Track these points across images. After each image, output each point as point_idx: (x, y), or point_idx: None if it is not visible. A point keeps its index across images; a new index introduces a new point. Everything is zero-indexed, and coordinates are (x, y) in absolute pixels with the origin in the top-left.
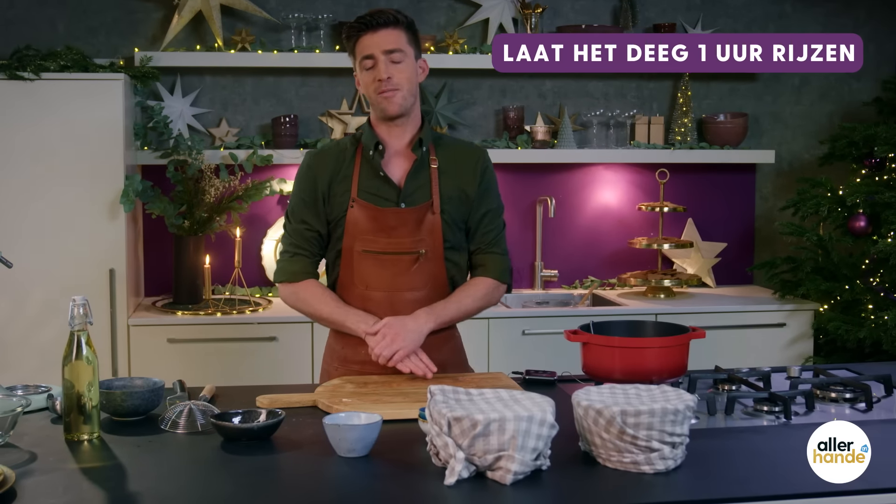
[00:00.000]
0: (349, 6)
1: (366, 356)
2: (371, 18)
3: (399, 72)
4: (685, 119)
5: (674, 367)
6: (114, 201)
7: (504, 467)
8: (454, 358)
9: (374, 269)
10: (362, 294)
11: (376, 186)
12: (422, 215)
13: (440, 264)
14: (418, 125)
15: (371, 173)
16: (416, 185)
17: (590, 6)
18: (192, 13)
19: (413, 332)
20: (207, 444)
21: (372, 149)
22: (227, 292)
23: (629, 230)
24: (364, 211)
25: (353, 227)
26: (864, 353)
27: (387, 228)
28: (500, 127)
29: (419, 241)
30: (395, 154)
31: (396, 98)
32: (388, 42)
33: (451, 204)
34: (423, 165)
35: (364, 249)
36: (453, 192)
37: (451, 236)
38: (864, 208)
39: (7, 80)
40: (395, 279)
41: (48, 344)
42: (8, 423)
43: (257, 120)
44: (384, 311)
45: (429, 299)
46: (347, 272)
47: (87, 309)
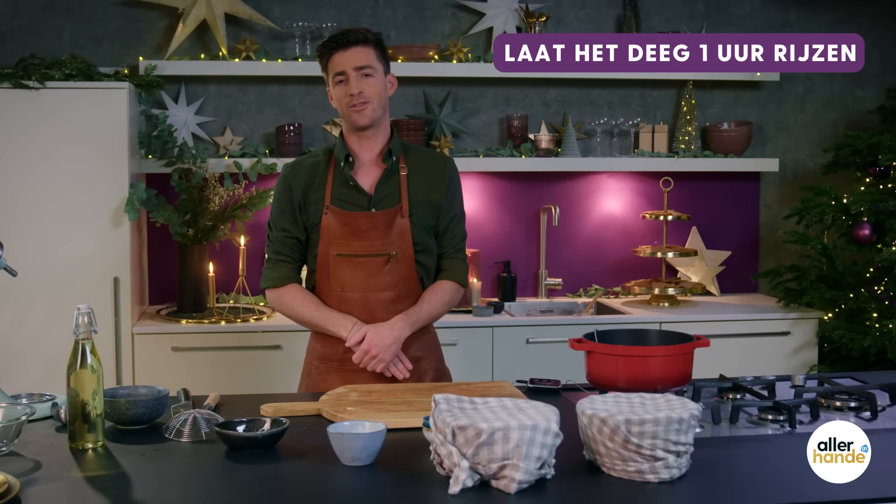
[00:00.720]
0: (353, 15)
1: (343, 354)
2: (342, 37)
3: (369, 86)
4: (689, 127)
5: (678, 375)
6: (118, 209)
7: (508, 476)
8: (431, 351)
9: (348, 272)
10: (339, 295)
11: (347, 194)
12: (391, 219)
13: (411, 266)
14: (388, 136)
15: (342, 182)
16: (386, 191)
17: (593, 15)
18: (197, 22)
19: (394, 343)
20: (212, 452)
21: (343, 160)
22: (231, 301)
23: (633, 238)
24: (337, 217)
25: (328, 232)
26: (869, 361)
27: (358, 232)
28: (504, 135)
29: (390, 243)
30: (366, 164)
31: (367, 111)
32: (359, 59)
33: (420, 208)
34: (393, 173)
35: (339, 253)
36: (421, 197)
37: (420, 239)
38: (868, 216)
39: (12, 89)
40: (369, 280)
41: (53, 352)
42: (12, 432)
43: (261, 128)
44: (359, 310)
45: (400, 299)
46: (324, 275)
47: (92, 317)
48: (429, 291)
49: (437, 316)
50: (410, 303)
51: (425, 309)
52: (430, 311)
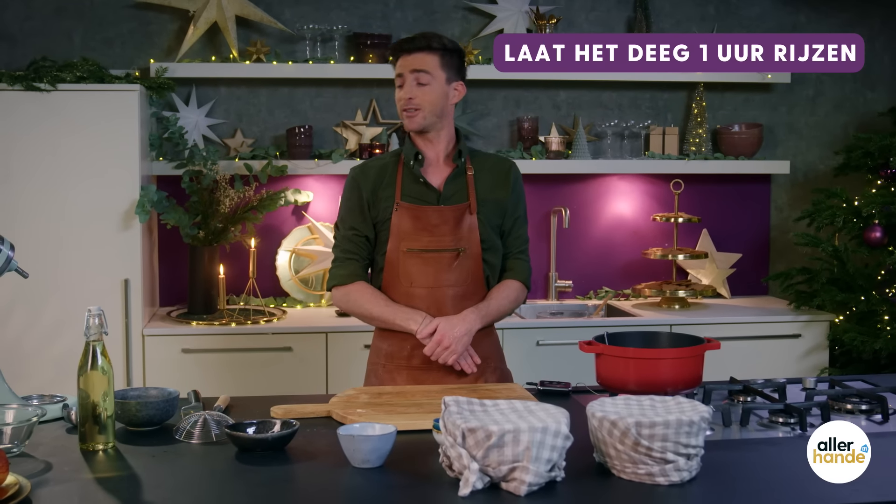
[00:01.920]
0: (364, 18)
1: (410, 351)
2: (407, 42)
3: (422, 94)
4: (700, 129)
5: (689, 378)
6: (129, 211)
7: (518, 478)
8: (495, 352)
9: (417, 267)
10: (407, 291)
11: (417, 191)
12: (460, 215)
13: (478, 262)
14: (452, 138)
15: (412, 179)
16: (454, 188)
17: (604, 17)
18: (208, 24)
19: (465, 334)
20: (222, 454)
21: (412, 158)
22: (241, 302)
23: (644, 241)
24: (407, 212)
25: (398, 228)
26: (881, 364)
27: (429, 227)
28: (515, 137)
29: (459, 239)
30: (433, 163)
31: (417, 118)
32: (416, 64)
33: (487, 207)
34: (461, 172)
35: (409, 248)
36: (488, 196)
37: (487, 237)
38: (879, 219)
39: (24, 92)
40: (437, 276)
41: (63, 354)
42: (23, 433)
43: (272, 130)
44: (427, 306)
45: (467, 295)
46: (393, 271)
47: (103, 319)
48: (496, 289)
49: (505, 313)
50: (477, 299)
51: (493, 305)
52: (497, 307)
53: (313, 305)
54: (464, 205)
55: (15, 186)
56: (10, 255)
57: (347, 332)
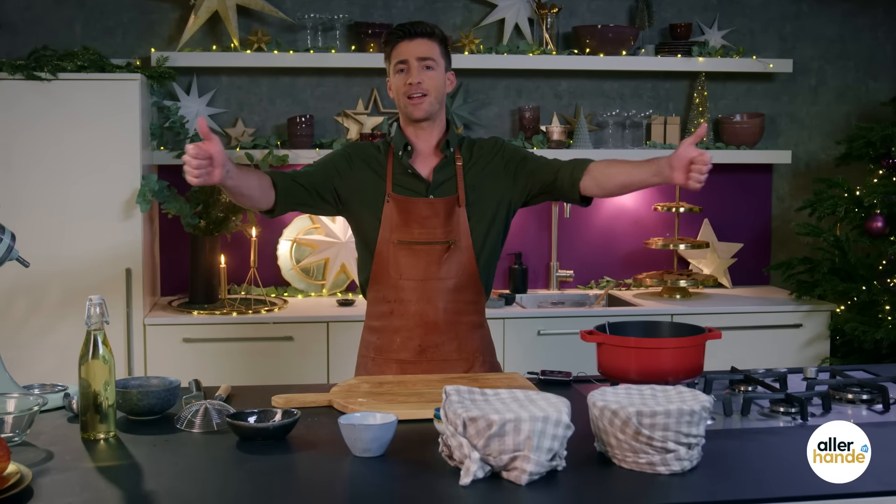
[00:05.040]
0: (365, 7)
1: (400, 345)
2: (410, 27)
3: (429, 79)
4: (701, 119)
5: (690, 367)
6: (130, 201)
7: (519, 468)
8: (486, 346)
9: (407, 259)
10: (396, 283)
11: (407, 181)
12: (450, 207)
13: (470, 255)
14: (443, 129)
15: (402, 171)
16: (443, 177)
17: (606, 6)
18: (209, 13)
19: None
20: (223, 443)
21: (401, 149)
22: (242, 292)
23: (645, 230)
24: (398, 203)
25: (389, 220)
26: (882, 354)
27: (420, 219)
28: (516, 127)
29: (449, 231)
30: (423, 154)
31: (423, 104)
32: (423, 50)
33: (479, 194)
34: (449, 163)
35: (399, 240)
36: (480, 180)
37: (478, 229)
38: (881, 209)
39: (24, 81)
40: (428, 268)
41: (65, 343)
42: (25, 422)
43: (273, 120)
44: (417, 297)
45: (460, 288)
46: (383, 262)
47: (104, 308)
48: (613, 167)
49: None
50: (470, 292)
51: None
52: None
53: (314, 295)
54: (452, 198)
55: (15, 176)
56: (11, 245)
57: (349, 322)
